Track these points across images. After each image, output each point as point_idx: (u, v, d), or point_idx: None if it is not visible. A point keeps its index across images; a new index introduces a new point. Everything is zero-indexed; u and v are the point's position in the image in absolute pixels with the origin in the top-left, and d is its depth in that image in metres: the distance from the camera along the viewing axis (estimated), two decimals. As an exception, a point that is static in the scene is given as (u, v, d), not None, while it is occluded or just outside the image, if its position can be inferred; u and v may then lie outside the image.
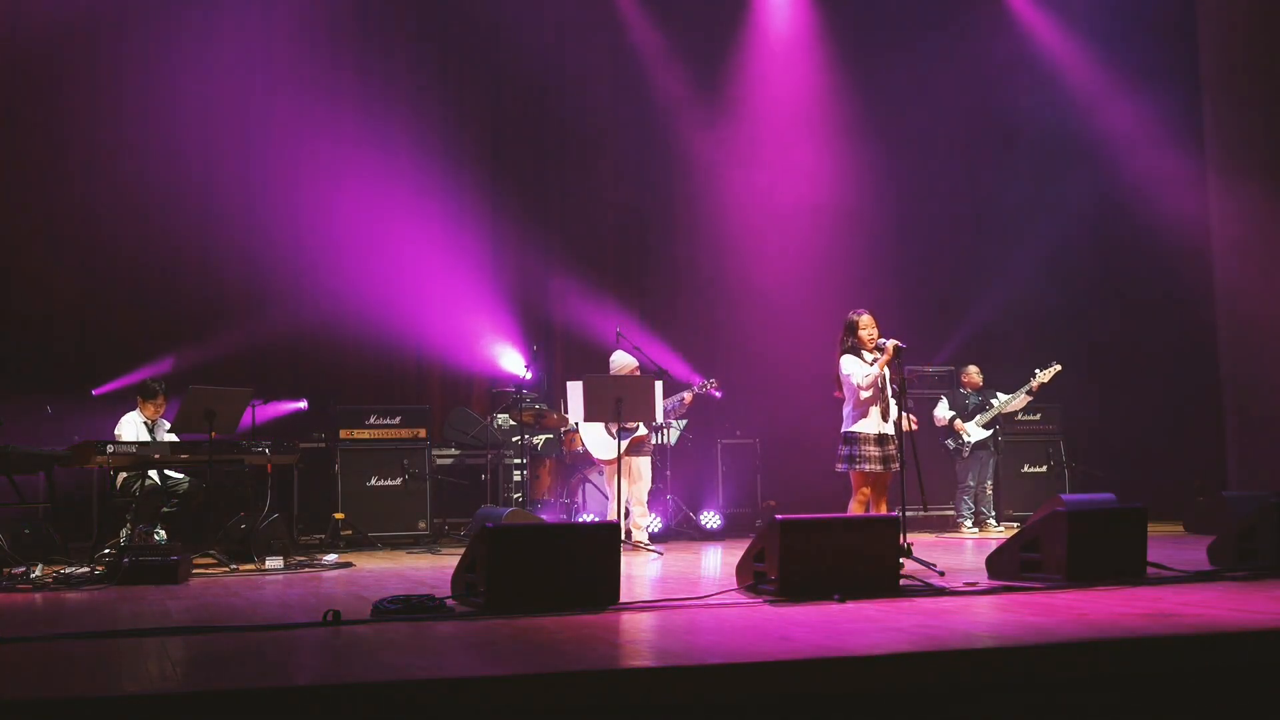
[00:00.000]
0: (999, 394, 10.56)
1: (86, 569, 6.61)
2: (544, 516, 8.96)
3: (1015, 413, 10.67)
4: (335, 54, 11.06)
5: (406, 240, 11.20)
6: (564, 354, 11.51)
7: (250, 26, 10.73)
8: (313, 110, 10.92)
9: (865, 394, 7.01)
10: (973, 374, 10.72)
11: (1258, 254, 10.93)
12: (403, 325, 11.03)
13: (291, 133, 10.83)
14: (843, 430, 7.14)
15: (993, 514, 10.49)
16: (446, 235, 11.33)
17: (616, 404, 7.90)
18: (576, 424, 8.89)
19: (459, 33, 11.58)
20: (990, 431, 10.48)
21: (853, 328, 7.18)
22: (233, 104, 10.67)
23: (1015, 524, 10.10)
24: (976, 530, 10.31)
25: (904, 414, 6.94)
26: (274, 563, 7.38)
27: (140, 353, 9.88)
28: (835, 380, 7.22)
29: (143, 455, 7.55)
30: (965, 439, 10.46)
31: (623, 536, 7.61)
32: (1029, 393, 10.37)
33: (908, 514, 6.79)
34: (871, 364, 7.05)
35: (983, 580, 5.72)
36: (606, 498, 9.26)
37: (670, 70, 11.84)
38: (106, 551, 7.27)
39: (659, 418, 8.45)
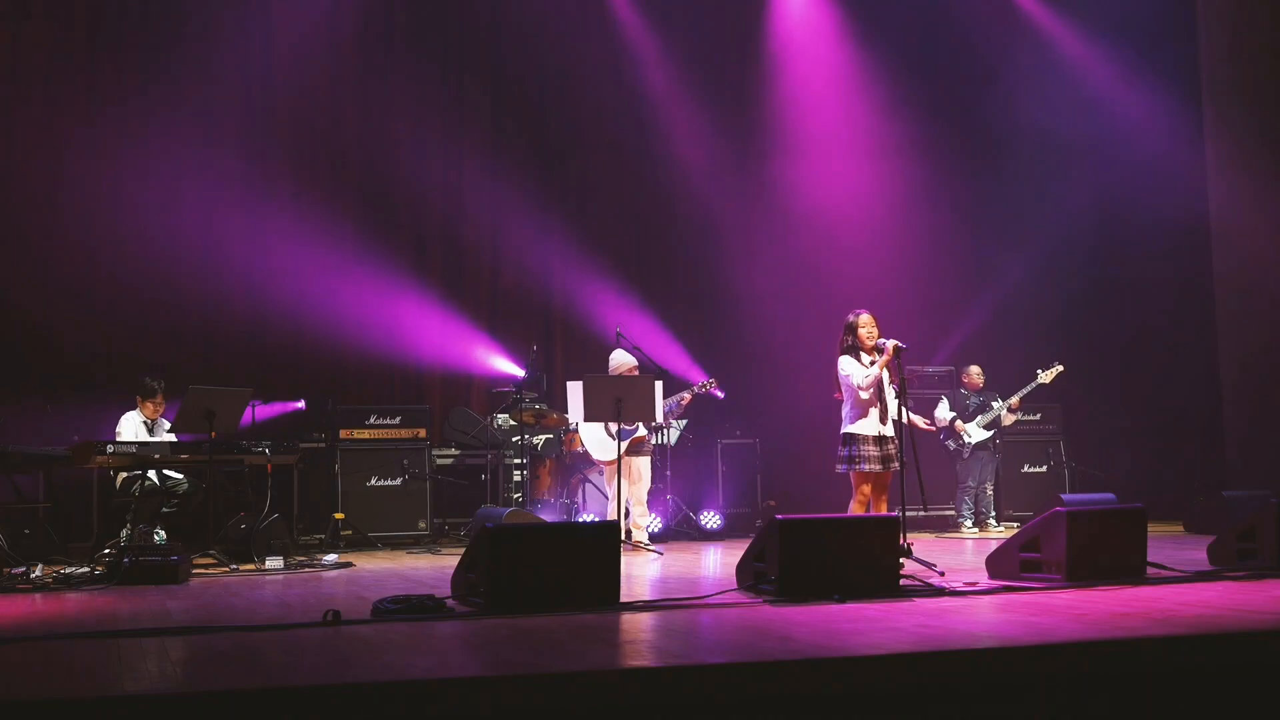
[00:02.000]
0: (999, 396, 10.56)
1: (86, 569, 6.60)
2: (544, 516, 8.96)
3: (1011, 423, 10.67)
4: (335, 56, 11.04)
5: (406, 239, 11.21)
6: (564, 354, 11.51)
7: (251, 29, 10.73)
8: (313, 109, 10.93)
9: (864, 394, 7.01)
10: (974, 375, 10.72)
11: (1259, 252, 10.93)
12: (403, 325, 11.04)
13: (292, 130, 10.83)
14: (842, 431, 7.14)
15: (993, 514, 10.49)
16: (447, 233, 11.33)
17: (616, 404, 7.90)
18: (576, 424, 8.89)
19: (460, 30, 11.57)
20: (991, 433, 10.48)
21: (852, 328, 7.17)
22: (234, 104, 10.66)
23: (1015, 524, 10.11)
24: (976, 530, 10.32)
25: (905, 410, 6.90)
26: (274, 563, 7.38)
27: (142, 353, 9.86)
28: (835, 381, 7.22)
29: (142, 455, 7.55)
30: (965, 439, 10.46)
31: (623, 536, 7.61)
32: (1009, 409, 10.38)
33: (908, 514, 6.79)
34: (870, 365, 7.05)
35: (983, 580, 5.72)
36: (606, 498, 9.26)
37: (674, 71, 11.83)
38: (106, 551, 7.26)
39: (659, 418, 8.45)
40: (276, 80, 10.78)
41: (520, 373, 10.55)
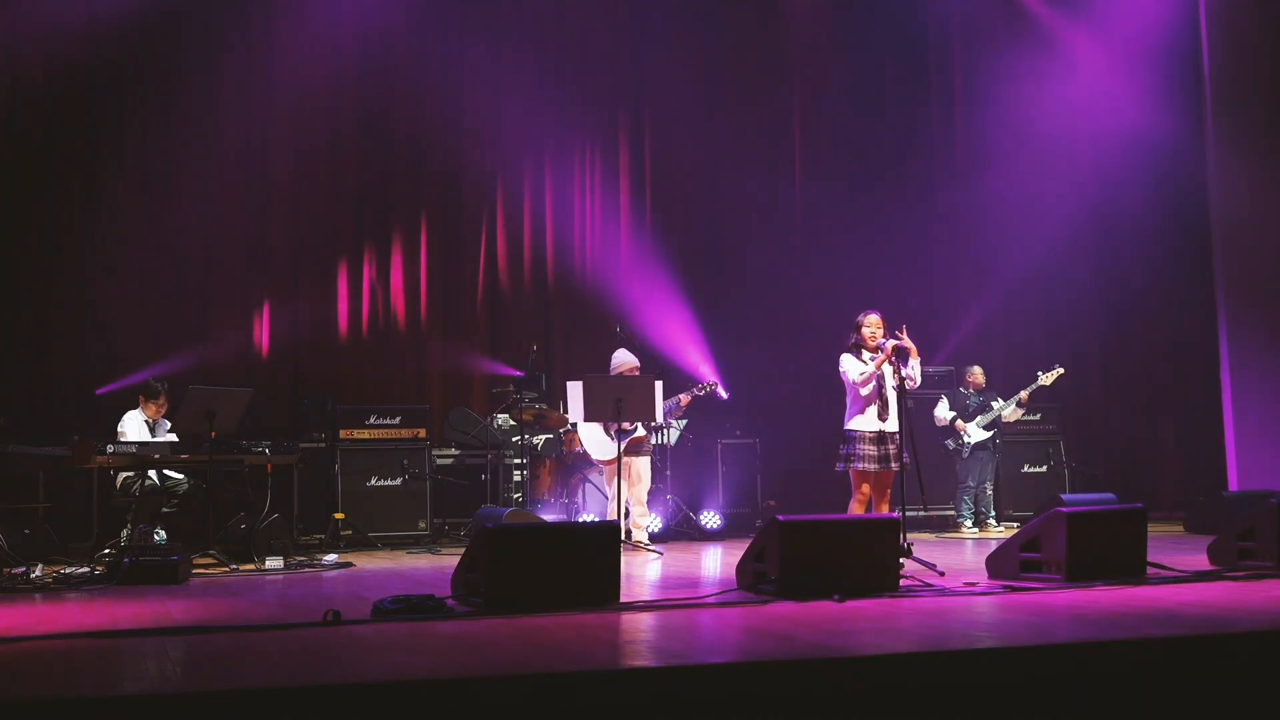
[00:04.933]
0: (1000, 397, 10.56)
1: (86, 569, 6.61)
2: (544, 516, 8.96)
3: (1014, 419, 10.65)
4: (335, 62, 11.03)
5: (406, 238, 11.20)
6: (564, 354, 11.50)
7: (253, 37, 10.75)
8: (316, 107, 10.92)
9: (864, 391, 7.02)
10: (977, 374, 10.70)
11: (1262, 250, 10.93)
12: (403, 324, 11.05)
13: (292, 121, 10.83)
14: (843, 429, 7.15)
15: (993, 514, 10.49)
16: (446, 232, 11.32)
17: (616, 404, 7.90)
18: (575, 424, 8.89)
19: (460, 40, 11.54)
20: (991, 433, 10.47)
21: (857, 327, 7.20)
22: (236, 103, 10.66)
23: (1015, 524, 10.10)
24: (976, 530, 10.31)
25: (905, 407, 6.91)
26: (274, 563, 7.38)
27: (143, 352, 9.87)
28: (837, 379, 7.24)
29: (142, 455, 7.55)
30: (965, 439, 10.45)
31: (623, 536, 7.61)
32: (1019, 404, 10.37)
33: (908, 514, 6.79)
34: (870, 363, 7.06)
35: (983, 580, 5.72)
36: (606, 498, 9.25)
37: (677, 69, 11.82)
38: (106, 551, 7.26)
39: (659, 418, 8.45)
40: (278, 75, 10.76)
41: (520, 373, 10.55)
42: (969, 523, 10.40)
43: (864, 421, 7.04)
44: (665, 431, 9.71)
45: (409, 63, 11.20)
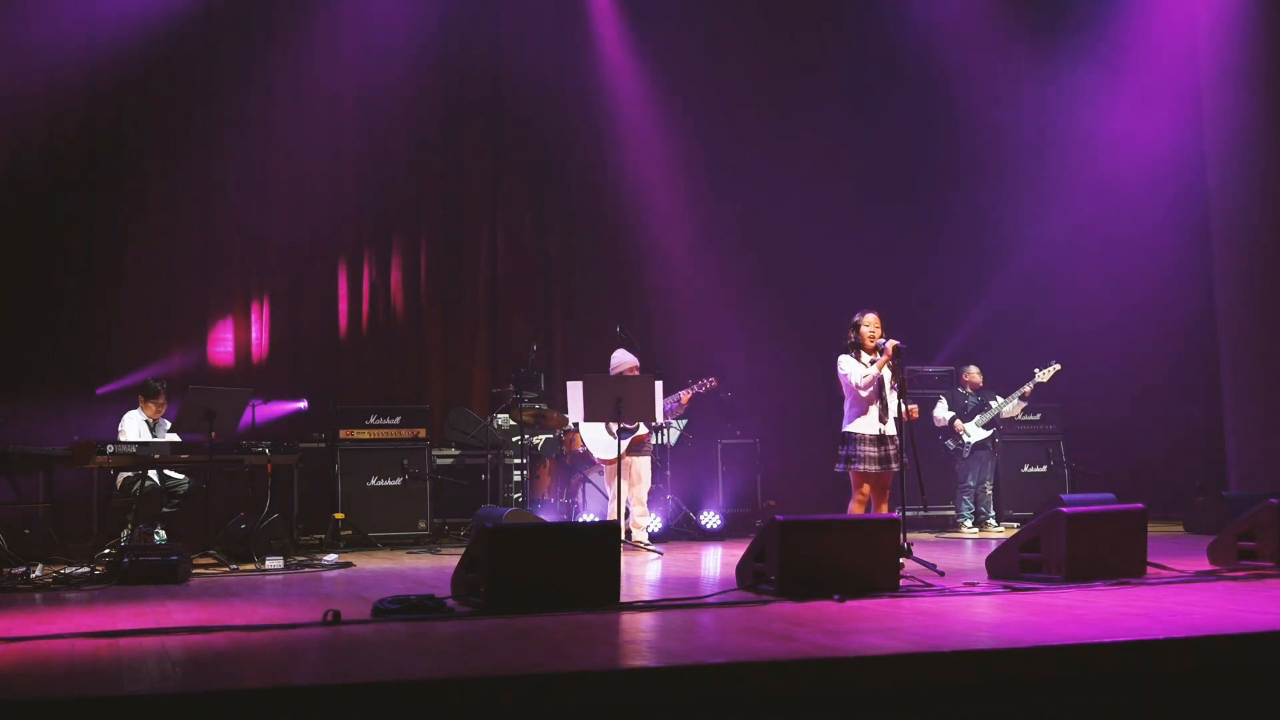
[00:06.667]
0: (998, 396, 10.56)
1: (86, 569, 6.60)
2: (544, 516, 8.96)
3: (1015, 415, 10.66)
4: (337, 66, 11.03)
5: (405, 237, 11.21)
6: (564, 354, 11.51)
7: (253, 44, 10.76)
8: (317, 107, 10.93)
9: (864, 393, 7.01)
10: (974, 374, 10.71)
11: (1262, 251, 10.91)
12: (403, 325, 11.06)
13: (293, 119, 10.84)
14: (841, 430, 7.14)
15: (993, 514, 10.49)
16: (445, 233, 11.33)
17: (616, 404, 7.90)
18: (576, 424, 8.89)
19: (461, 63, 11.53)
20: (990, 432, 10.47)
21: (855, 327, 7.18)
22: (234, 100, 10.66)
23: (1015, 524, 10.10)
24: (976, 530, 10.31)
25: (902, 403, 6.91)
26: (274, 563, 7.38)
27: (143, 352, 9.88)
28: (836, 379, 7.23)
29: (142, 455, 7.55)
30: (965, 439, 10.45)
31: (623, 536, 7.61)
32: (1021, 398, 10.37)
33: (908, 514, 6.79)
34: (870, 364, 7.05)
35: (983, 580, 5.72)
36: (606, 498, 9.25)
37: (663, 78, 11.82)
38: (106, 551, 7.26)
39: (659, 418, 8.44)
40: (277, 72, 10.78)
41: (519, 371, 10.55)
42: (969, 523, 10.40)
43: (865, 424, 7.03)
44: (665, 431, 9.71)
45: (409, 63, 11.20)
